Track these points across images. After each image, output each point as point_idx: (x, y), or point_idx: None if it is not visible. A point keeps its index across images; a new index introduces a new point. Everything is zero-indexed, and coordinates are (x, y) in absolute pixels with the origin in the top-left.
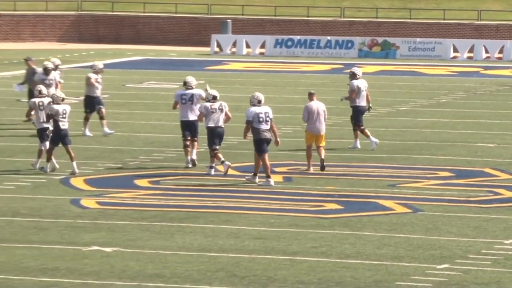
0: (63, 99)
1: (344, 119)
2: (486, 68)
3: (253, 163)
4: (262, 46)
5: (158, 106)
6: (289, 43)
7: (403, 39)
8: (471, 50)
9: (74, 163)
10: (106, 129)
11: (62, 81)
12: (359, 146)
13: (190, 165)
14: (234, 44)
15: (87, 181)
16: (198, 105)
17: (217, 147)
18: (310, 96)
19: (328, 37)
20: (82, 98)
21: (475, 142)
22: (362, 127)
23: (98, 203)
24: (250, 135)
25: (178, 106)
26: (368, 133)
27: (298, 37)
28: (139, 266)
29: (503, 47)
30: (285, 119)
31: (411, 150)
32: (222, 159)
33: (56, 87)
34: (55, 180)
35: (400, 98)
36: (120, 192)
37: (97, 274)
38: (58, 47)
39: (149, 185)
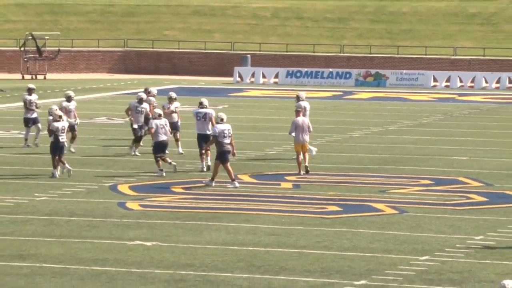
0: (60, 117)
1: (343, 136)
2: (460, 95)
3: (268, 172)
4: (276, 76)
5: (190, 126)
6: (298, 74)
7: (392, 71)
8: (448, 80)
9: (66, 165)
10: (179, 149)
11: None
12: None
13: (205, 169)
14: (252, 75)
15: (131, 188)
16: (210, 123)
17: (164, 154)
18: (297, 112)
19: (330, 69)
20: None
21: (451, 156)
22: None
23: (141, 205)
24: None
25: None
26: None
27: (306, 69)
28: (174, 257)
29: (474, 77)
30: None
31: (398, 162)
32: (169, 160)
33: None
34: (105, 187)
35: (389, 120)
36: (159, 196)
37: (139, 264)
38: (108, 77)
39: (182, 190)
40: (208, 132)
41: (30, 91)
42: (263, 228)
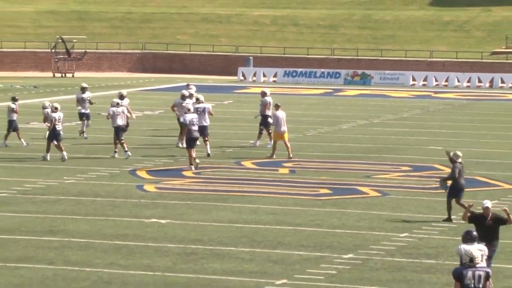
0: (56, 108)
1: (333, 128)
2: (436, 92)
3: (268, 159)
4: (275, 76)
5: None
6: (294, 74)
7: (376, 71)
8: (425, 80)
9: (64, 153)
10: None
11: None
12: (257, 145)
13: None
14: (254, 74)
15: (148, 172)
16: (207, 115)
17: (122, 139)
18: (277, 107)
19: (322, 70)
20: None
21: (427, 145)
22: (269, 130)
23: (157, 188)
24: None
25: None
26: (269, 135)
27: (301, 69)
28: (185, 233)
29: (448, 77)
30: (290, 129)
31: (381, 151)
32: (126, 148)
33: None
34: (125, 172)
35: (373, 114)
36: (172, 180)
37: (155, 239)
38: (128, 75)
39: (193, 175)
40: (205, 124)
41: (83, 89)
42: (263, 208)
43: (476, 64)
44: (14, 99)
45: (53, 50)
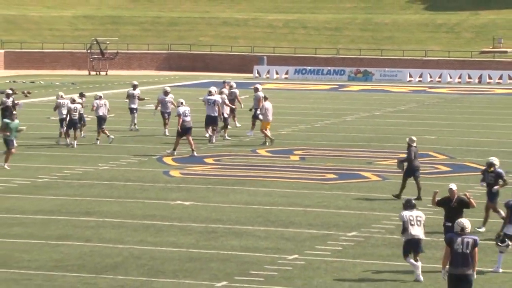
0: (74, 100)
1: (339, 120)
2: (430, 87)
3: (281, 148)
4: (286, 73)
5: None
6: (303, 71)
7: (377, 69)
8: (420, 76)
9: (76, 141)
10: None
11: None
12: (252, 135)
13: (214, 141)
14: (268, 72)
15: (174, 159)
16: (216, 107)
17: (104, 127)
18: (265, 99)
19: (328, 67)
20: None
21: (422, 135)
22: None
23: (181, 173)
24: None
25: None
26: (254, 127)
27: (309, 67)
28: (207, 214)
29: (441, 74)
30: (299, 120)
31: (382, 140)
32: (108, 133)
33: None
34: (153, 159)
35: (374, 107)
36: (195, 166)
37: (180, 219)
38: (155, 73)
39: (213, 162)
40: (214, 115)
41: (134, 87)
42: (277, 191)
43: (466, 62)
44: (81, 95)
45: (88, 51)
